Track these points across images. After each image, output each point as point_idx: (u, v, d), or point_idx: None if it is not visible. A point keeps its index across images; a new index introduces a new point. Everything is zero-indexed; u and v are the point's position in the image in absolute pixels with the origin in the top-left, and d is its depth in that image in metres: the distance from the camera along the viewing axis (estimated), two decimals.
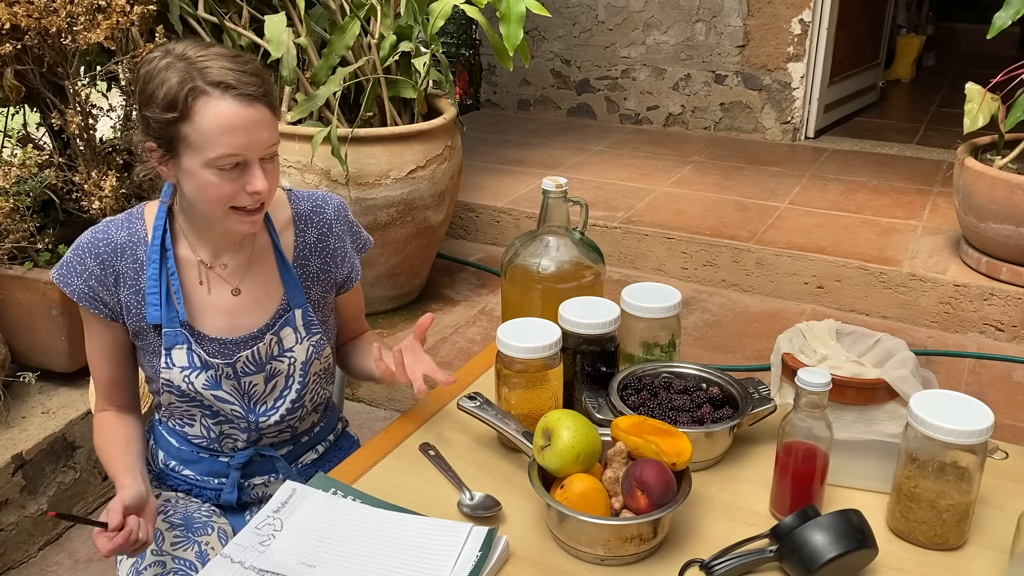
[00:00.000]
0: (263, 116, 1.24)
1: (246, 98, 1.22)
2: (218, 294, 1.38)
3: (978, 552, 1.15)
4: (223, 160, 1.22)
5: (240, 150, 1.23)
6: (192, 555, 1.34)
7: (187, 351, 1.36)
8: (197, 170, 1.24)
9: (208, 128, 1.21)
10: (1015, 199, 2.71)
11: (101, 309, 1.36)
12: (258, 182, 1.25)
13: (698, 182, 3.83)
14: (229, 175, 1.24)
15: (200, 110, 1.21)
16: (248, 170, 1.25)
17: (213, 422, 1.42)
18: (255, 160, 1.25)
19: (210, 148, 1.22)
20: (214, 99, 1.21)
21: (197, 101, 1.21)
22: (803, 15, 4.15)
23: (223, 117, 1.21)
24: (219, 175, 1.24)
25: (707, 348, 2.85)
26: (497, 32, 2.67)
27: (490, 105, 5.09)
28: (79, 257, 1.35)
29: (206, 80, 1.21)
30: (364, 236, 1.53)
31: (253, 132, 1.23)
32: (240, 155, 1.23)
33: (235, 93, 1.22)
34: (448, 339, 2.94)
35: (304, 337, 1.42)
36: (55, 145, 2.63)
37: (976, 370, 2.72)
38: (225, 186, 1.24)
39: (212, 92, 1.21)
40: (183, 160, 1.25)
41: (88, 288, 1.34)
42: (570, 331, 1.38)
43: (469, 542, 1.13)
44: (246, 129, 1.22)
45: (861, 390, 1.23)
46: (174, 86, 1.21)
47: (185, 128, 1.22)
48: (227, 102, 1.21)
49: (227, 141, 1.22)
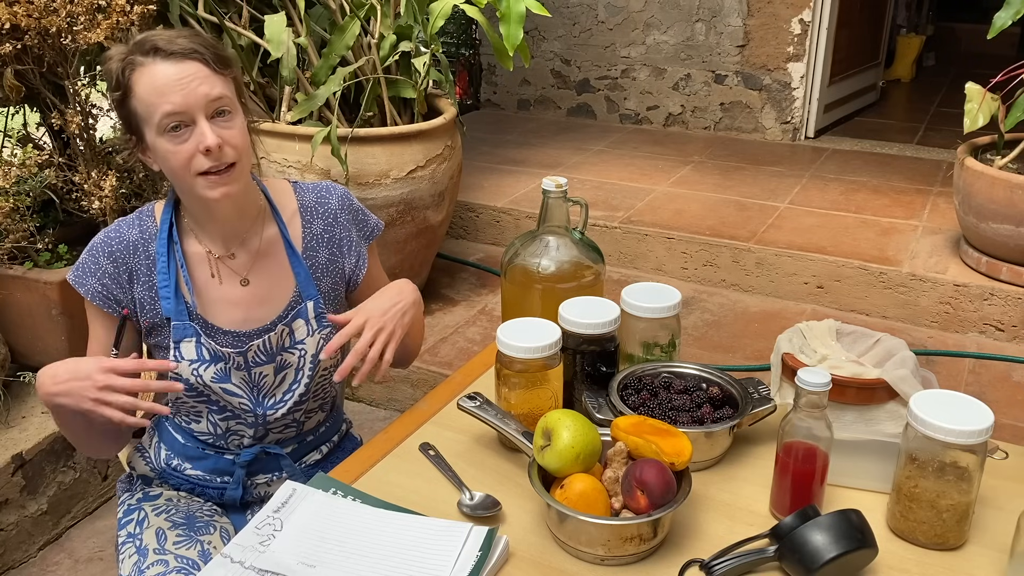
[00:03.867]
0: (197, 70, 1.26)
1: (175, 56, 1.25)
2: (230, 286, 1.39)
3: (978, 552, 1.15)
4: (165, 121, 1.24)
5: (179, 107, 1.24)
6: (194, 554, 1.35)
7: (196, 344, 1.36)
8: (155, 142, 1.27)
9: (145, 94, 1.25)
10: (1015, 199, 2.71)
11: (114, 308, 1.36)
12: (208, 138, 1.25)
13: (698, 182, 3.83)
14: (180, 137, 1.26)
15: (137, 80, 1.25)
16: (197, 128, 1.26)
17: (220, 418, 1.43)
18: (201, 116, 1.26)
19: (153, 113, 1.25)
20: (146, 66, 1.25)
21: (133, 73, 1.25)
22: (803, 15, 4.15)
23: (156, 78, 1.24)
24: (171, 139, 1.26)
25: (707, 348, 2.85)
26: (497, 32, 2.67)
27: (490, 105, 5.10)
28: (93, 257, 1.37)
29: (140, 51, 1.25)
30: (372, 221, 1.53)
31: (188, 86, 1.24)
32: (180, 112, 1.25)
33: (163, 55, 1.25)
34: (448, 339, 2.94)
35: (316, 330, 1.42)
36: (55, 145, 2.63)
37: (976, 370, 2.72)
38: (181, 151, 1.26)
39: (144, 60, 1.25)
40: (146, 138, 1.29)
41: (102, 287, 1.35)
42: (570, 331, 1.38)
43: (469, 542, 1.13)
44: (180, 84, 1.24)
45: (861, 390, 1.23)
46: (115, 66, 1.26)
47: (132, 103, 1.27)
48: (158, 65, 1.25)
49: (163, 101, 1.24)
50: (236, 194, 1.32)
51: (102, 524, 2.38)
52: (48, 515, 2.30)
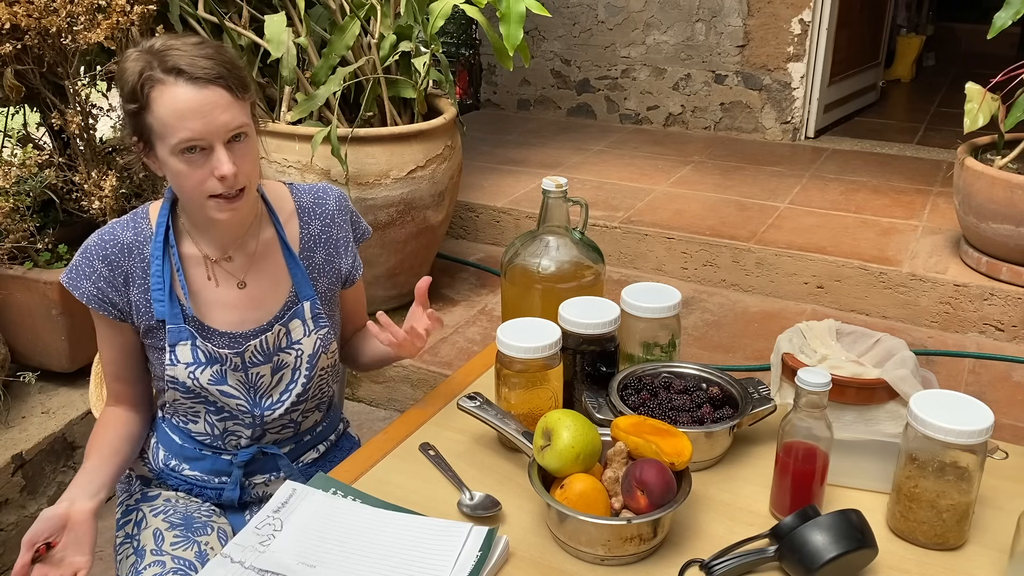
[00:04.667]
0: (219, 98, 1.23)
1: (198, 81, 1.22)
2: (226, 289, 1.39)
3: (978, 552, 1.15)
4: (183, 145, 1.23)
5: (198, 134, 1.23)
6: (192, 555, 1.35)
7: (191, 347, 1.36)
8: (167, 159, 1.26)
9: (165, 115, 1.22)
10: (1015, 199, 2.71)
11: (109, 311, 1.36)
12: (223, 166, 1.24)
13: (698, 182, 3.83)
14: (195, 161, 1.24)
15: (156, 98, 1.22)
16: (213, 154, 1.25)
17: (217, 418, 1.43)
18: (218, 143, 1.24)
19: (170, 135, 1.23)
20: (168, 86, 1.22)
21: (153, 90, 1.22)
22: (803, 15, 4.15)
23: (177, 102, 1.22)
24: (185, 162, 1.24)
25: (707, 348, 2.85)
26: (497, 32, 2.67)
27: (490, 105, 5.09)
28: (87, 259, 1.36)
29: (162, 68, 1.22)
30: (363, 226, 1.55)
31: (209, 115, 1.22)
32: (199, 139, 1.23)
33: (187, 77, 1.22)
34: (448, 339, 2.94)
35: (312, 330, 1.42)
36: (55, 145, 2.63)
37: (976, 370, 2.72)
38: (193, 173, 1.25)
39: (166, 79, 1.22)
40: (157, 151, 1.27)
41: (97, 290, 1.35)
42: (570, 331, 1.38)
43: (469, 542, 1.13)
44: (201, 112, 1.22)
45: (861, 390, 1.23)
46: (133, 77, 1.24)
47: (148, 118, 1.24)
48: (180, 87, 1.22)
49: (183, 126, 1.22)
50: (243, 213, 1.33)
51: (101, 524, 2.35)
52: None
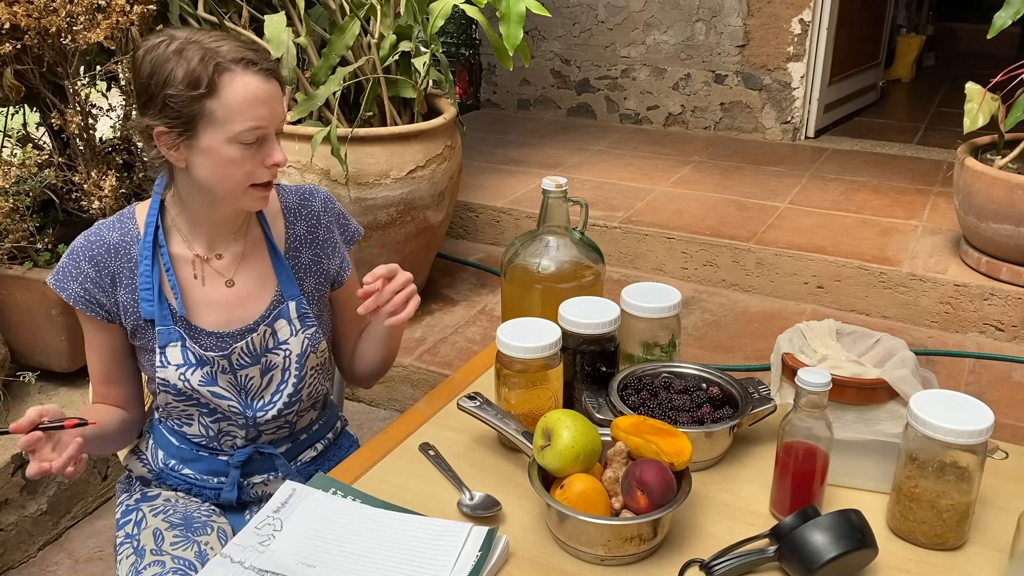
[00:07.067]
0: (277, 90, 1.30)
1: (266, 72, 1.27)
2: (213, 287, 1.39)
3: (978, 552, 1.15)
4: (249, 133, 1.26)
5: (265, 122, 1.27)
6: (191, 555, 1.34)
7: (181, 348, 1.36)
8: (219, 147, 1.26)
9: (235, 102, 1.25)
10: (1015, 199, 2.71)
11: (97, 312, 1.36)
12: (277, 154, 1.30)
13: (698, 182, 3.83)
14: (250, 149, 1.28)
15: (227, 84, 1.24)
16: (267, 143, 1.29)
17: (211, 420, 1.43)
18: (274, 133, 1.30)
19: (237, 121, 1.25)
20: (238, 74, 1.25)
21: (223, 76, 1.24)
22: (803, 15, 4.15)
23: (249, 90, 1.25)
24: (242, 150, 1.27)
25: (707, 348, 2.85)
26: (497, 32, 2.67)
27: (490, 105, 5.09)
28: (74, 261, 1.36)
29: (227, 57, 1.25)
30: (353, 226, 1.54)
31: (273, 105, 1.28)
32: (264, 127, 1.28)
33: (256, 68, 1.26)
34: (448, 339, 2.94)
35: (299, 330, 1.42)
36: (55, 145, 2.63)
37: (976, 370, 2.72)
38: (247, 161, 1.28)
39: (235, 68, 1.25)
40: (202, 139, 1.26)
41: (84, 291, 1.35)
42: (570, 331, 1.38)
43: (469, 542, 1.13)
44: (268, 102, 1.27)
45: (861, 390, 1.23)
46: (196, 64, 1.24)
47: (211, 104, 1.25)
48: (251, 76, 1.26)
49: (253, 113, 1.26)
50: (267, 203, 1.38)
51: (102, 524, 2.38)
52: (48, 515, 2.30)
